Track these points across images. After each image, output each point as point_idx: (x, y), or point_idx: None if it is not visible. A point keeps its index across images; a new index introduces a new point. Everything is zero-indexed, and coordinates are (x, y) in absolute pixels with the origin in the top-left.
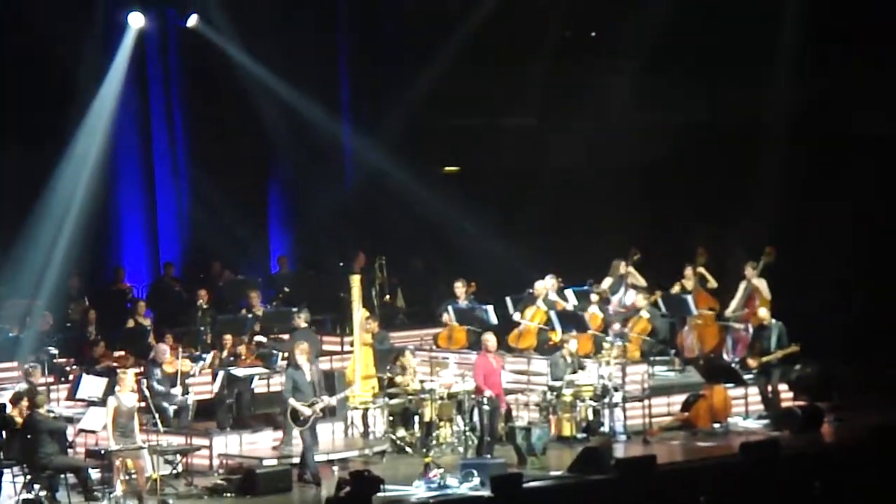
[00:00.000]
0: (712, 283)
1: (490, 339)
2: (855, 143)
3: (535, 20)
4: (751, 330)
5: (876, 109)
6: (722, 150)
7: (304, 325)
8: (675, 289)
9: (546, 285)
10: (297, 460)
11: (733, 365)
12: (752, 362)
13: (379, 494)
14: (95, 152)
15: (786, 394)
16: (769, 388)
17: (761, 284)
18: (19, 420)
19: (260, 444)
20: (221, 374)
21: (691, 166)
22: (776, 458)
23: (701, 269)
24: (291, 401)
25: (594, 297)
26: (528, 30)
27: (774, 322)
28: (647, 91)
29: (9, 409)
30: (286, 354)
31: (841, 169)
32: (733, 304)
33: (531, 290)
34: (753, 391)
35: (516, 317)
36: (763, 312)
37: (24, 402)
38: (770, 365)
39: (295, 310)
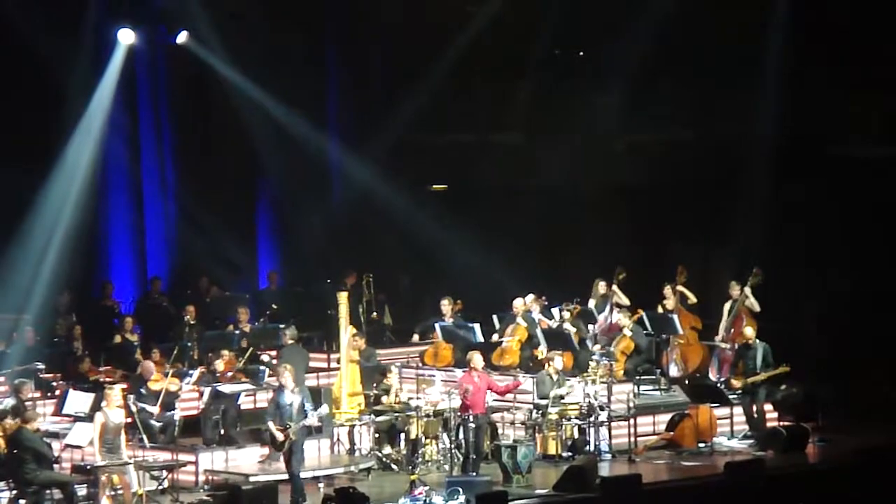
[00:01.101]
0: (692, 300)
1: (476, 357)
2: (842, 164)
3: (524, 38)
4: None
5: (862, 132)
6: (707, 170)
7: (290, 341)
8: (659, 309)
9: (525, 302)
10: (282, 476)
11: (719, 385)
12: (735, 382)
13: None
14: (84, 167)
15: (771, 414)
16: (754, 409)
17: (752, 303)
18: (0, 438)
19: (246, 461)
20: (208, 389)
21: (677, 185)
22: (761, 479)
23: (681, 288)
24: (269, 424)
25: (566, 315)
26: (515, 47)
27: (759, 342)
28: (633, 110)
29: None
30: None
31: (827, 190)
32: (721, 326)
33: (513, 310)
34: (739, 411)
35: (494, 338)
36: (749, 332)
37: (9, 419)
38: (755, 385)
39: (282, 326)
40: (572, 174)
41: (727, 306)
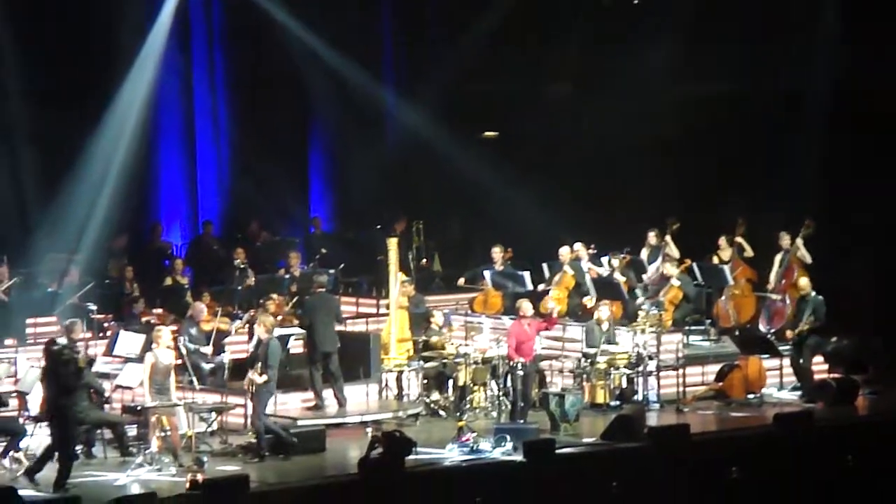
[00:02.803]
0: (749, 253)
1: (525, 305)
2: (893, 118)
3: None
4: (787, 301)
5: None
6: (761, 122)
7: (319, 289)
8: (714, 260)
9: (573, 251)
10: (330, 421)
11: (769, 336)
12: (788, 333)
13: (411, 457)
14: (137, 110)
15: (820, 366)
16: (800, 361)
17: (804, 254)
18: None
19: (294, 404)
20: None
21: (727, 137)
22: (810, 431)
23: (740, 239)
24: (249, 371)
25: (615, 263)
26: None
27: (814, 295)
28: (686, 61)
29: (42, 360)
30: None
31: (880, 144)
32: (772, 277)
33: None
34: (788, 363)
35: (542, 286)
36: (804, 282)
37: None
38: (801, 336)
39: (331, 271)
40: (622, 125)
41: (778, 257)
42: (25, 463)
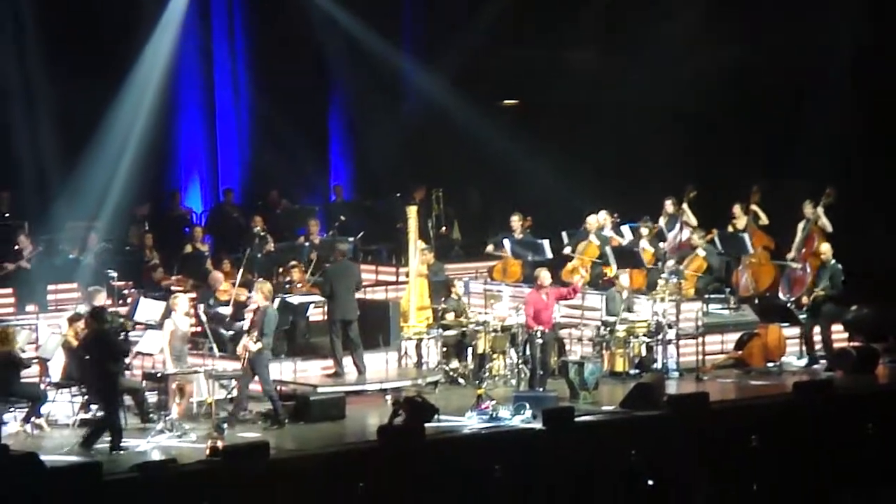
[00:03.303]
0: (764, 220)
1: (544, 274)
2: None
3: None
4: (808, 270)
5: None
6: (781, 91)
7: (340, 257)
8: (730, 229)
9: (599, 220)
10: (350, 388)
11: (789, 304)
12: (803, 300)
13: (430, 424)
14: (157, 77)
15: (840, 334)
16: (815, 329)
17: (825, 223)
18: (74, 341)
19: (314, 372)
20: (277, 301)
21: (748, 104)
22: (830, 399)
23: (755, 207)
24: (245, 337)
25: (644, 232)
26: None
27: (833, 263)
28: (708, 29)
29: (65, 328)
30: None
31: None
32: (794, 245)
33: (585, 226)
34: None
35: (568, 251)
36: (825, 248)
37: (81, 323)
38: (815, 303)
39: (351, 239)
40: (643, 92)
41: (801, 226)
42: (47, 429)
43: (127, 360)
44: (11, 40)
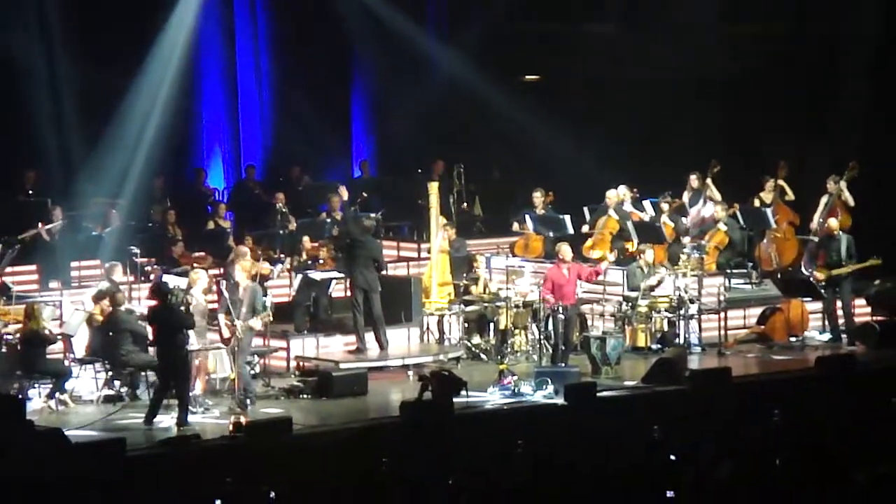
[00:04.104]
0: (790, 196)
1: (565, 248)
2: None
3: None
4: None
5: None
6: (806, 63)
7: (366, 234)
8: (755, 202)
9: (619, 194)
10: (372, 364)
11: (811, 279)
12: (819, 274)
13: (458, 399)
14: (179, 54)
15: (863, 309)
16: (838, 303)
17: (847, 197)
18: (100, 318)
19: (336, 348)
20: (299, 277)
21: (774, 79)
22: (852, 373)
23: (781, 182)
24: (220, 317)
25: (665, 207)
26: None
27: (842, 234)
28: (731, 1)
29: (90, 306)
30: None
31: None
32: (815, 217)
33: (606, 201)
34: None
35: (585, 228)
36: (833, 222)
37: (106, 301)
38: (840, 278)
39: (373, 215)
40: (666, 66)
41: (823, 199)
42: (71, 404)
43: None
44: (35, 20)
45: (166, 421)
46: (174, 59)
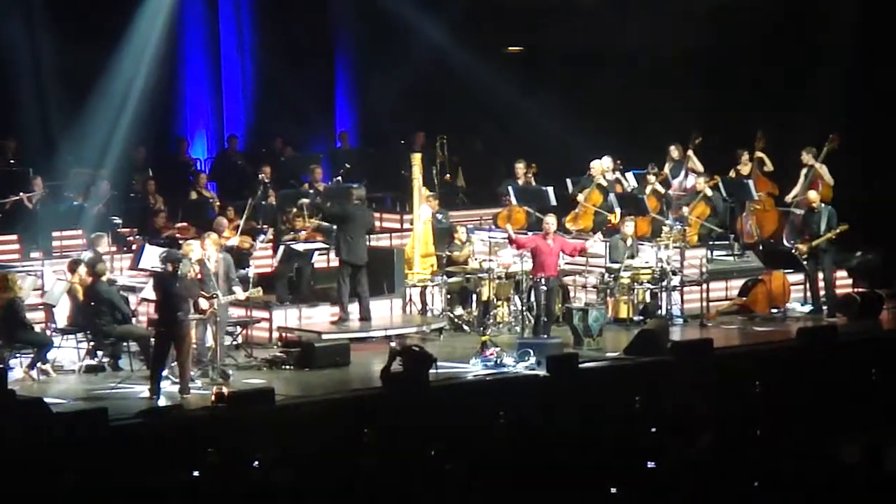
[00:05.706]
0: (769, 167)
1: (550, 220)
2: None
3: None
4: None
5: None
6: (787, 36)
7: (356, 202)
8: (731, 174)
9: (603, 165)
10: (355, 335)
11: (793, 251)
12: (801, 247)
13: (433, 371)
14: (162, 25)
15: (845, 280)
16: (819, 275)
17: (823, 170)
18: (79, 287)
19: (319, 318)
20: (281, 248)
21: (756, 52)
22: (834, 345)
23: (760, 154)
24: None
25: (651, 179)
26: None
27: (824, 206)
28: None
29: (67, 275)
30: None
31: None
32: (795, 189)
33: (590, 172)
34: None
35: (580, 198)
36: (813, 195)
37: (83, 269)
38: (820, 249)
39: (355, 186)
40: (648, 37)
41: (803, 171)
42: (52, 374)
43: (132, 307)
44: None
45: (145, 392)
46: (157, 28)
